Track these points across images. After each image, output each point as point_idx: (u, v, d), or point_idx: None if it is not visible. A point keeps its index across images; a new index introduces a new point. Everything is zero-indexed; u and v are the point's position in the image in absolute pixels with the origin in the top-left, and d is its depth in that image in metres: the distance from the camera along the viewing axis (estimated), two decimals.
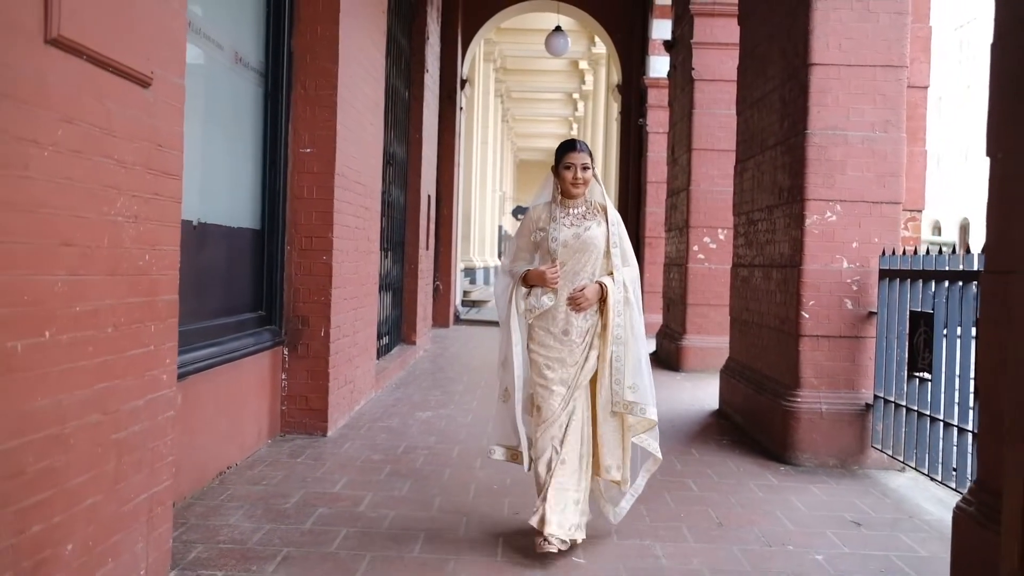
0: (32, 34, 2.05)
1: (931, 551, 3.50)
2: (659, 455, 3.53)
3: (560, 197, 3.45)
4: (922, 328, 4.35)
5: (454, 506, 3.90)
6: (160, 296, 2.78)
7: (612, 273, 3.41)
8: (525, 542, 3.37)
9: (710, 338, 8.62)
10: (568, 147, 3.45)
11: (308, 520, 3.61)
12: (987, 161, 2.87)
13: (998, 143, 2.82)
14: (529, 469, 3.44)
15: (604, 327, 3.38)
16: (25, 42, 2.02)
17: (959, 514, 2.93)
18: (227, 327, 4.42)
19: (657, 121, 11.78)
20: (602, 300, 3.39)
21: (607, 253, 3.42)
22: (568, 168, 3.39)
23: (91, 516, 2.39)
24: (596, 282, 3.38)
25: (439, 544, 3.39)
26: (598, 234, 3.40)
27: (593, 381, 3.42)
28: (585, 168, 3.38)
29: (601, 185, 3.51)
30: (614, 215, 3.48)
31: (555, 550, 3.19)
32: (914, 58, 5.58)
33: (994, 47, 2.86)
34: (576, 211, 3.43)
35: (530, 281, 3.42)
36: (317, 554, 3.22)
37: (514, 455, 3.51)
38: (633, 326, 3.42)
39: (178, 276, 2.91)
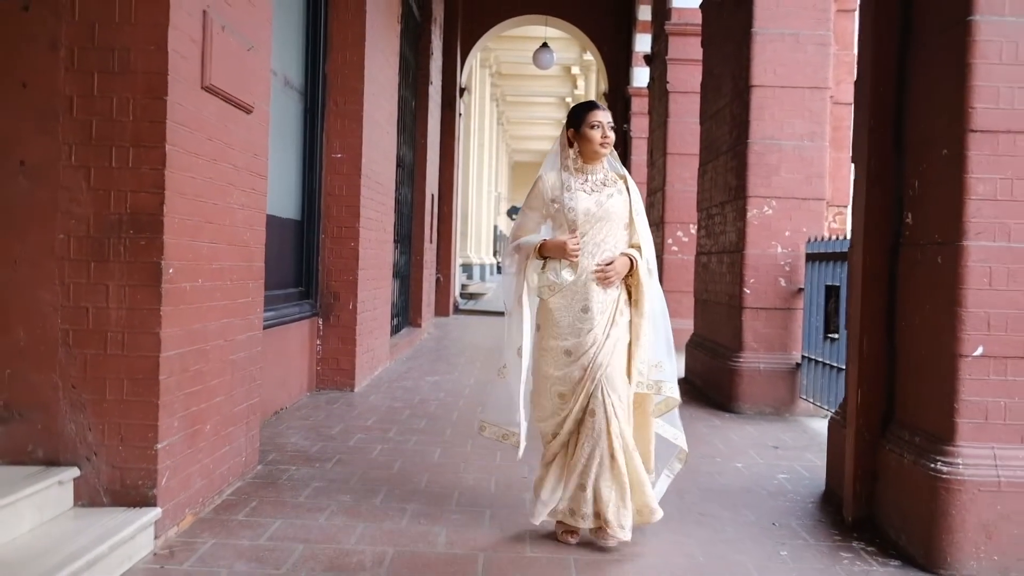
0: (194, 83, 3.14)
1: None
2: (685, 445, 3.39)
3: (579, 163, 3.21)
4: (833, 298, 5.46)
5: (462, 435, 4.99)
6: (254, 262, 3.87)
7: (638, 246, 3.20)
8: (515, 460, 4.43)
9: (682, 321, 9.65)
10: (591, 106, 3.22)
11: (351, 440, 4.71)
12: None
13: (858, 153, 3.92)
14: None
15: (636, 304, 3.18)
16: (191, 88, 3.11)
17: (831, 421, 4.04)
18: (278, 297, 5.51)
19: (640, 127, 12.89)
20: (628, 274, 3.18)
21: (629, 224, 3.21)
22: (595, 127, 3.14)
23: (218, 409, 3.48)
24: (623, 255, 3.15)
25: (452, 456, 4.48)
26: (620, 203, 3.18)
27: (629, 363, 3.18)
28: (612, 128, 3.18)
29: (615, 155, 3.32)
30: (633, 184, 3.27)
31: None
32: (841, 79, 6.72)
33: (856, 83, 3.96)
34: (595, 178, 3.20)
35: (546, 252, 3.17)
36: (362, 459, 4.32)
37: (505, 435, 3.32)
38: (656, 301, 3.24)
39: (264, 249, 4.00)
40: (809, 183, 6.07)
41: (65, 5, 2.86)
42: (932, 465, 3.05)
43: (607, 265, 3.11)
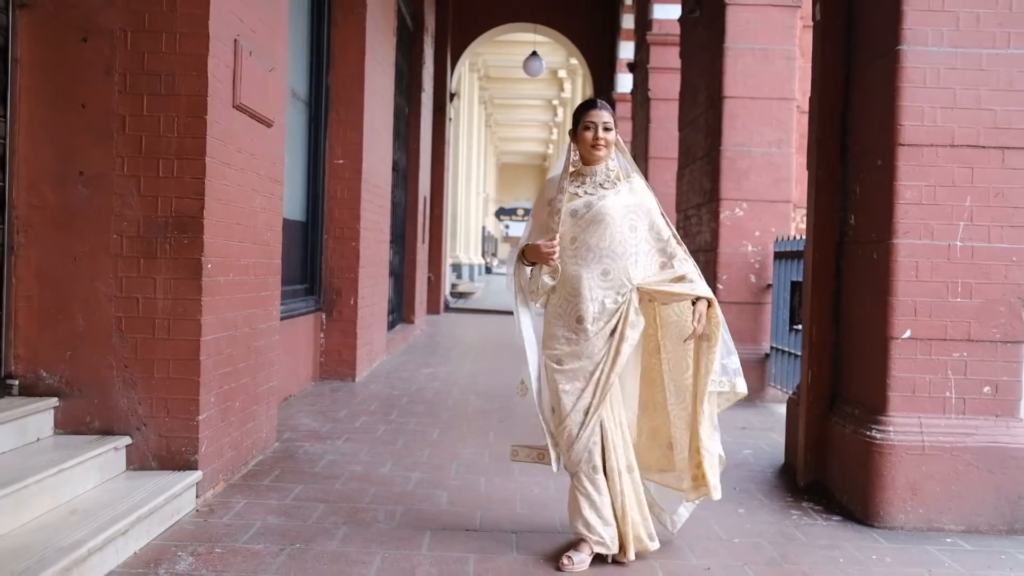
0: (227, 103, 3.59)
1: None
2: (722, 452, 3.29)
3: (578, 165, 3.08)
4: (798, 293, 5.95)
5: (457, 418, 5.45)
6: (273, 259, 4.32)
7: (671, 260, 3.03)
8: (506, 437, 4.91)
9: None
10: (588, 105, 3.07)
11: (357, 422, 5.17)
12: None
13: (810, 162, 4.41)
14: (558, 470, 3.05)
15: (709, 339, 2.99)
16: (225, 107, 3.56)
17: (789, 401, 4.53)
18: (286, 293, 5.94)
19: (624, 131, 13.35)
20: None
21: (651, 226, 3.04)
22: (588, 128, 3.01)
23: (244, 389, 3.93)
24: (702, 299, 2.96)
25: (450, 435, 4.94)
26: (615, 204, 2.99)
27: (697, 373, 3.07)
28: (607, 129, 3.00)
29: (627, 154, 3.15)
30: (641, 183, 3.10)
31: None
32: (807, 91, 7.18)
33: (809, 100, 4.45)
34: (594, 179, 3.05)
35: (529, 257, 3.03)
36: (369, 437, 4.78)
37: (540, 454, 3.09)
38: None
39: (281, 248, 4.45)
40: (777, 187, 6.56)
41: (119, 37, 3.30)
42: (868, 433, 3.54)
43: (700, 322, 2.93)
